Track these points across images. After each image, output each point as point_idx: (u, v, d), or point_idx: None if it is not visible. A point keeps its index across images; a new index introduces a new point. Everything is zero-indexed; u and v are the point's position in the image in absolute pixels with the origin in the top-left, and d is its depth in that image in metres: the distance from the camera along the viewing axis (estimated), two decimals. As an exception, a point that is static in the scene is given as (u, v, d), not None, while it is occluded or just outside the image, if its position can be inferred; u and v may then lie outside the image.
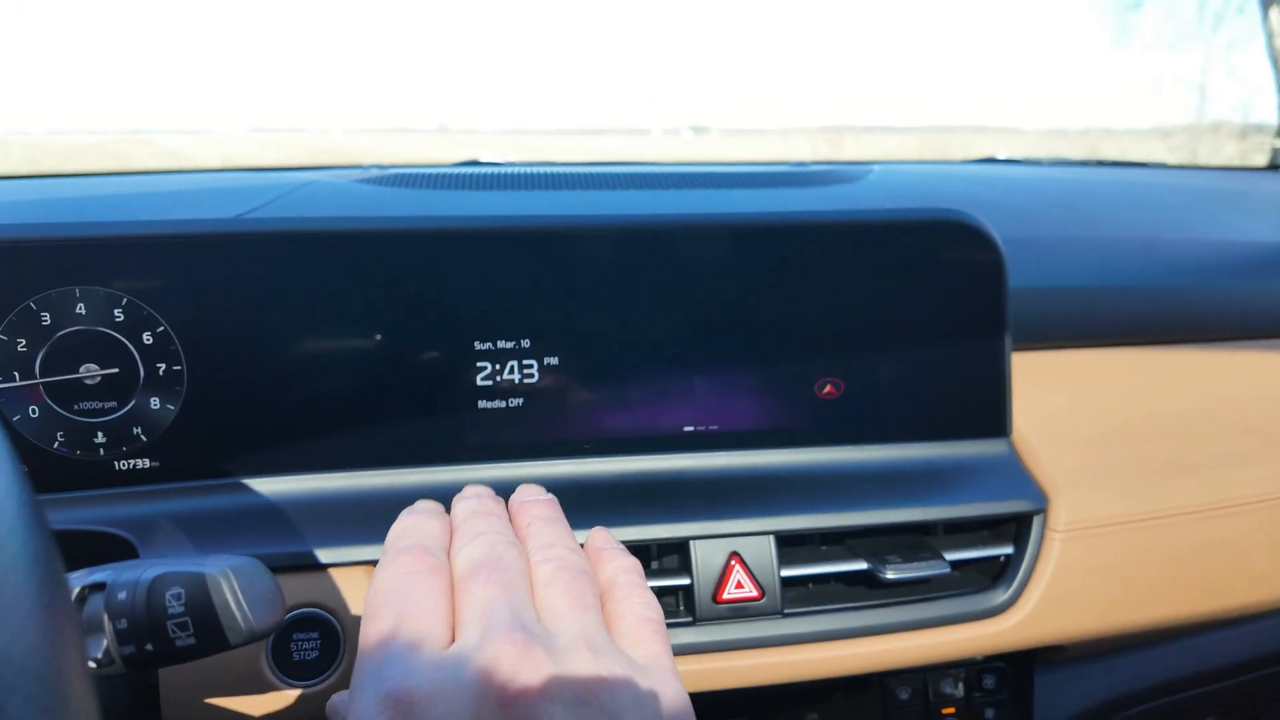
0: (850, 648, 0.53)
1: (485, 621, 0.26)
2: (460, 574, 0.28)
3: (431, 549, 0.29)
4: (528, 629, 0.26)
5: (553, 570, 0.29)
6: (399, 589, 0.27)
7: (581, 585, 0.29)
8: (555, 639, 0.26)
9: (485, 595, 0.27)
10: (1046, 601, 0.55)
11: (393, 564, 0.28)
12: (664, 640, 0.30)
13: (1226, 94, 1.51)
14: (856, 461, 0.56)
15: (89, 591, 0.31)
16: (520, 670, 0.24)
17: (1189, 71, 1.57)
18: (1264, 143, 1.30)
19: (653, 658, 0.28)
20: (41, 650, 0.19)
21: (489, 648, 0.25)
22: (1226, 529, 0.59)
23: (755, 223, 0.54)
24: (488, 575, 0.27)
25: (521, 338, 0.52)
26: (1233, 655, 0.67)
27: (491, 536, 0.29)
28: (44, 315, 0.47)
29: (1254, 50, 1.29)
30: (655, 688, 0.27)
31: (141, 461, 0.50)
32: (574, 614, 0.27)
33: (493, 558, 0.28)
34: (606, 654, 0.26)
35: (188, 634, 0.30)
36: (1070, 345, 0.64)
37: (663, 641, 0.29)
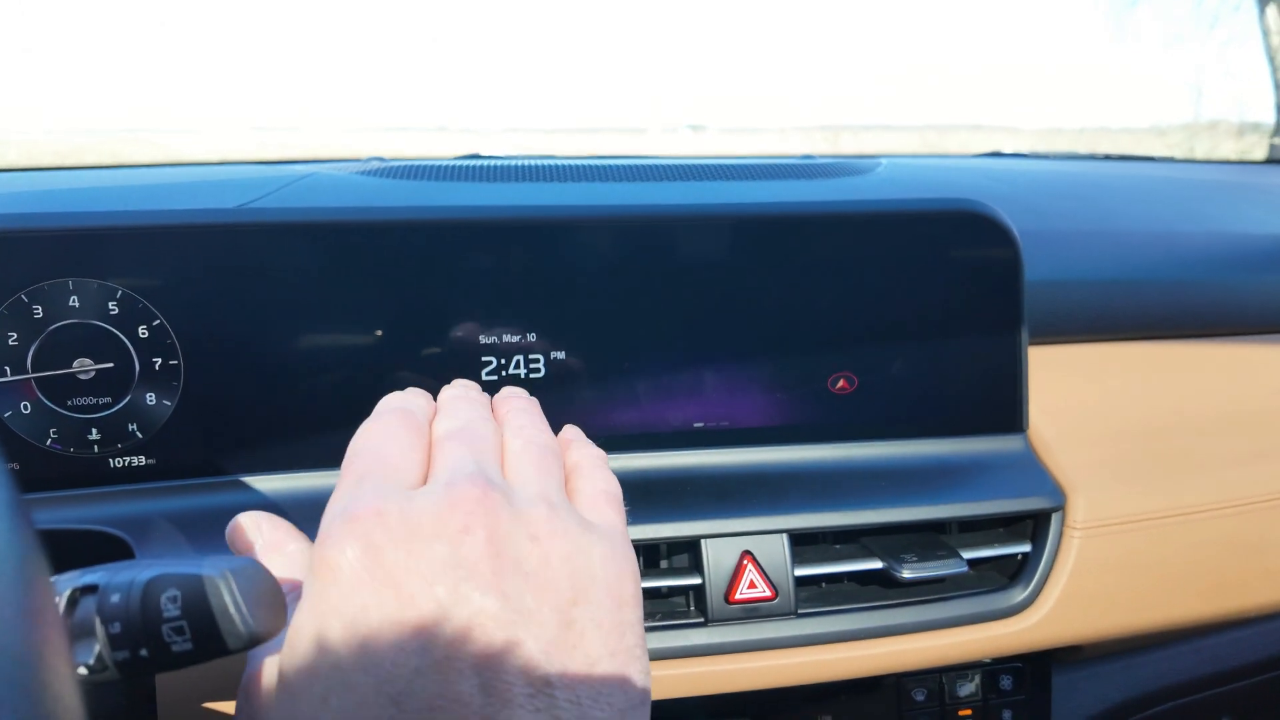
0: (865, 648, 0.52)
1: (451, 471, 0.27)
2: (436, 438, 0.30)
3: (415, 414, 0.31)
4: (490, 479, 0.27)
5: (521, 444, 0.31)
6: (378, 439, 0.30)
7: (546, 458, 0.31)
8: (515, 491, 0.28)
9: (456, 453, 0.29)
10: (1065, 600, 0.54)
11: (376, 420, 0.31)
12: (619, 511, 0.32)
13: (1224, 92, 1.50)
14: (871, 458, 0.55)
15: (81, 594, 0.29)
16: (478, 509, 0.26)
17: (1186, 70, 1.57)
18: (1261, 140, 1.29)
19: (606, 522, 0.30)
20: (24, 659, 0.18)
21: (453, 489, 0.26)
22: (1247, 526, 0.58)
23: (767, 214, 0.53)
24: (460, 438, 0.30)
25: (527, 331, 0.51)
26: (1249, 655, 0.66)
27: (470, 413, 0.32)
28: (36, 308, 0.46)
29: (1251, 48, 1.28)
30: (605, 544, 0.28)
31: (137, 459, 0.48)
32: (536, 477, 0.29)
33: (468, 427, 0.31)
34: (560, 509, 0.28)
35: (184, 639, 0.28)
36: (1086, 339, 0.63)
37: (617, 511, 0.31)
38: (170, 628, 0.28)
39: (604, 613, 0.27)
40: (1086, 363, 0.63)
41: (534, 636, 0.25)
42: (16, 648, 0.18)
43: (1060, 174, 0.92)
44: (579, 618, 0.26)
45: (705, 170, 0.76)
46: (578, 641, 0.26)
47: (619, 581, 0.28)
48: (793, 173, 0.77)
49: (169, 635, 0.28)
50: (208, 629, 0.28)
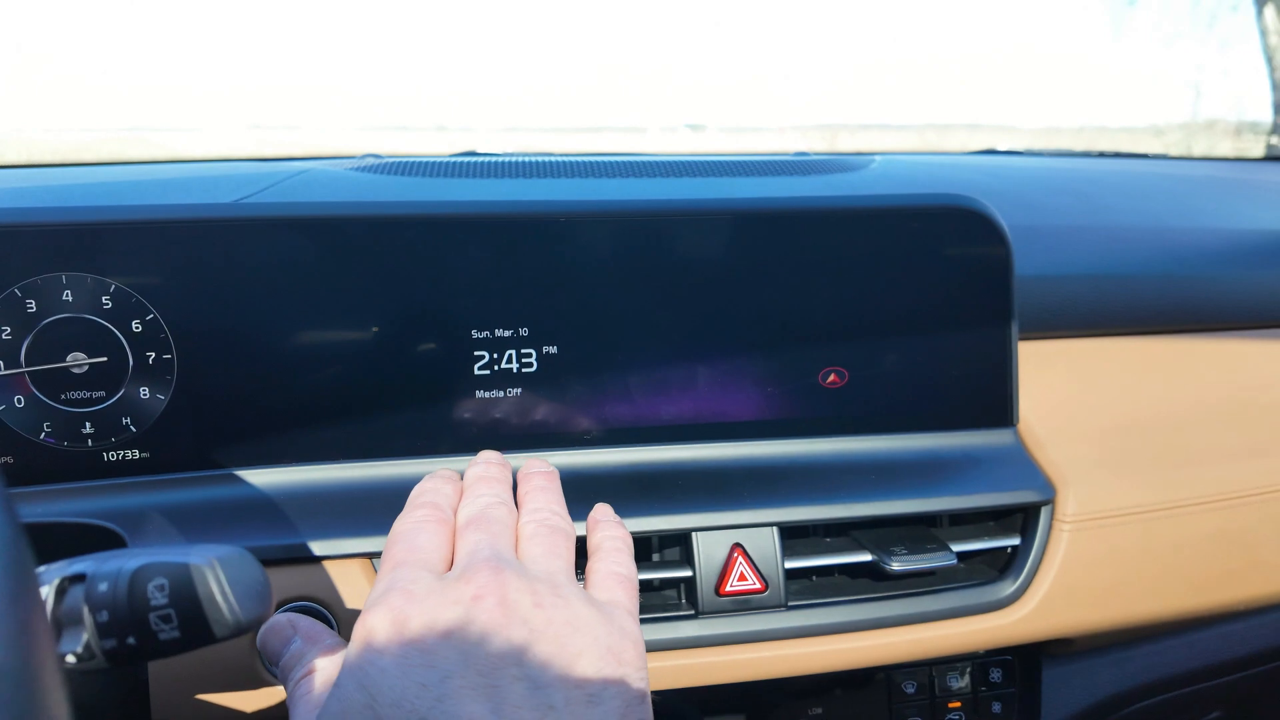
0: (855, 641, 0.52)
1: (471, 556, 0.32)
2: (460, 526, 0.35)
3: (441, 506, 0.37)
4: (502, 559, 0.32)
5: (534, 528, 0.35)
6: (410, 533, 0.34)
7: (556, 540, 0.35)
8: (525, 569, 0.32)
9: (474, 539, 0.34)
10: (1054, 593, 0.54)
11: (409, 514, 0.36)
12: (629, 592, 0.35)
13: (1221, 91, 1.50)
14: (861, 452, 0.55)
15: (69, 583, 0.30)
16: (491, 581, 0.31)
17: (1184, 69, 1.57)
18: (1258, 139, 1.29)
19: (611, 600, 0.34)
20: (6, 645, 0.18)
21: (470, 569, 0.31)
22: (1236, 520, 0.58)
23: (759, 209, 0.53)
24: (478, 526, 0.34)
25: (520, 326, 0.51)
26: (1239, 649, 0.66)
27: (488, 498, 0.37)
28: (29, 302, 0.46)
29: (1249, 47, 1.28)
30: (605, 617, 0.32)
31: (131, 452, 0.49)
32: (546, 559, 0.33)
33: (485, 514, 0.35)
34: (565, 586, 0.32)
35: (171, 627, 0.29)
36: (1078, 334, 0.63)
37: (627, 592, 0.35)
38: (158, 616, 0.28)
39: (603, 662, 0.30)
40: (1077, 357, 0.63)
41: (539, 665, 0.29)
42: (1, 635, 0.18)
43: (1054, 170, 0.92)
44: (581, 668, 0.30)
45: (698, 166, 0.77)
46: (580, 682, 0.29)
47: (619, 645, 0.31)
48: (786, 169, 0.77)
49: (156, 623, 0.29)
50: (195, 617, 0.29)
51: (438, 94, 1.27)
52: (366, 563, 0.47)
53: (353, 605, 0.47)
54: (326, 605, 0.46)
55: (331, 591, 0.46)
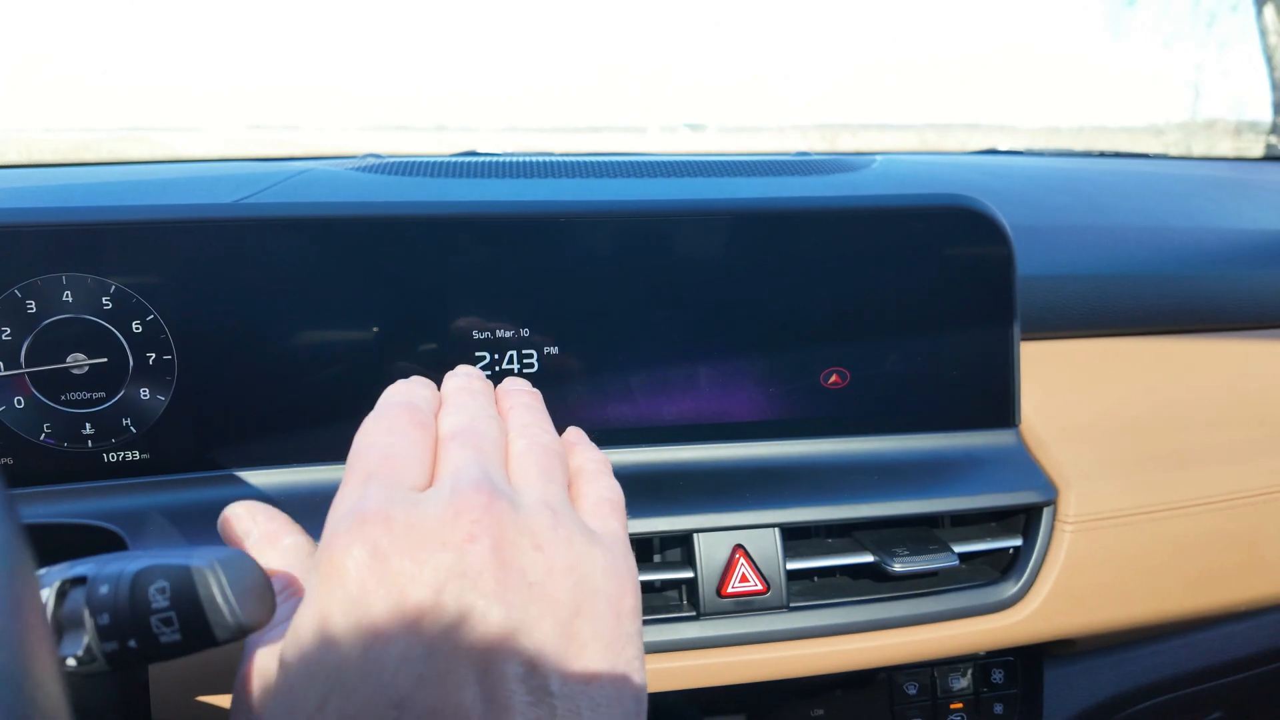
0: (857, 642, 0.52)
1: (457, 476, 0.28)
2: (442, 436, 0.30)
3: (420, 408, 0.31)
4: (495, 485, 0.28)
5: (525, 445, 0.31)
6: (385, 437, 0.29)
7: (551, 461, 0.31)
8: (520, 497, 0.28)
9: (461, 455, 0.29)
10: (1056, 594, 0.54)
11: (382, 415, 0.31)
12: (621, 519, 0.32)
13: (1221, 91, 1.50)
14: (863, 452, 0.55)
15: (70, 586, 0.29)
16: (484, 516, 0.26)
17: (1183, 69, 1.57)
18: (1258, 139, 1.29)
19: (608, 531, 0.30)
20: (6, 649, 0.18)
21: (459, 495, 0.27)
22: (1238, 521, 0.58)
23: (760, 209, 0.53)
24: (465, 439, 0.30)
25: (520, 327, 0.51)
26: (1240, 650, 0.66)
27: (474, 409, 0.32)
28: (29, 303, 0.46)
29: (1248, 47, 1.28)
30: (607, 555, 0.29)
31: (131, 453, 0.48)
32: (540, 482, 0.29)
33: (473, 426, 0.31)
34: (565, 517, 0.28)
35: (173, 629, 0.28)
36: (1079, 335, 0.63)
37: (620, 519, 0.32)
38: (158, 619, 0.28)
39: (605, 626, 0.27)
40: (1079, 358, 0.63)
41: (536, 646, 0.25)
42: None
43: (1055, 170, 0.92)
44: (581, 630, 0.26)
45: (700, 166, 0.77)
46: (579, 653, 0.26)
47: (620, 594, 0.28)
48: (787, 169, 0.77)
49: (157, 626, 0.28)
50: (196, 620, 0.29)
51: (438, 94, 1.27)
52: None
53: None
54: (327, 607, 0.46)
55: (332, 593, 0.46)
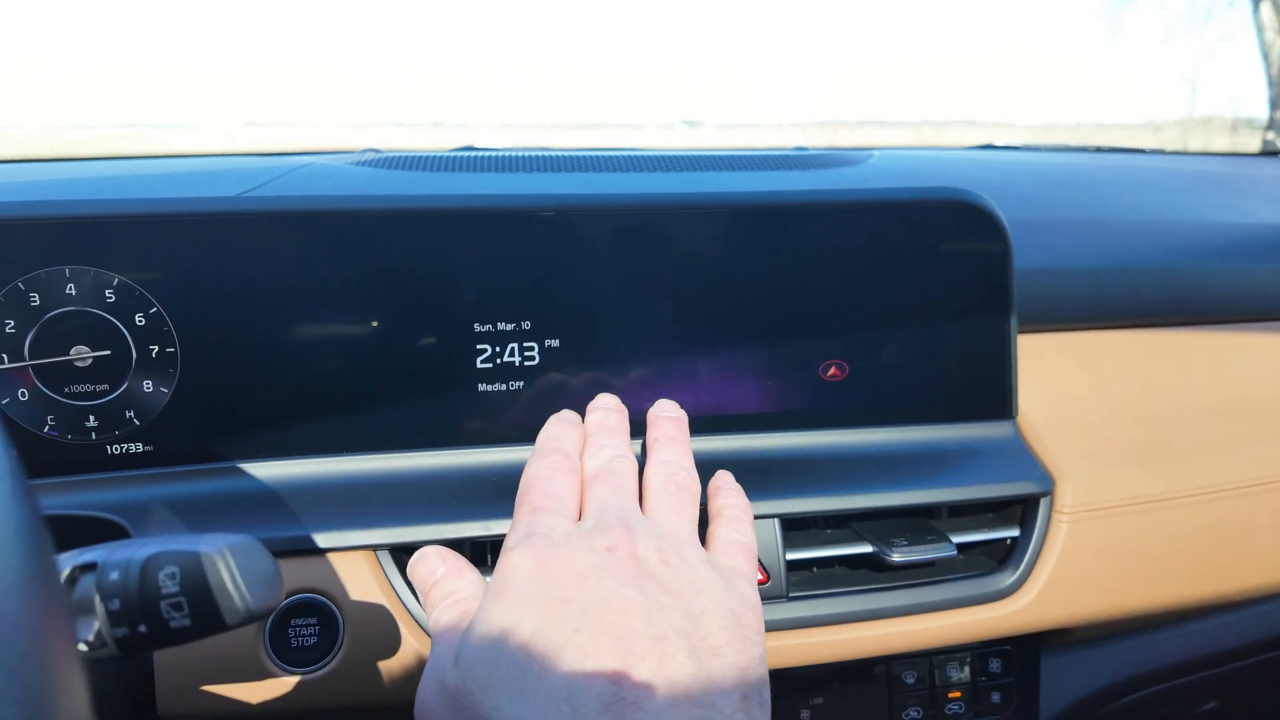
0: (856, 631, 0.52)
1: (601, 511, 0.35)
2: (587, 477, 0.38)
3: (569, 453, 0.39)
4: (631, 518, 0.34)
5: (661, 483, 0.37)
6: (544, 478, 0.37)
7: (683, 498, 0.37)
8: (652, 528, 0.34)
9: (603, 494, 0.36)
10: (1053, 584, 0.55)
11: (542, 460, 0.38)
12: (750, 559, 0.37)
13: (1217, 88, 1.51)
14: (861, 444, 0.56)
15: (80, 572, 0.30)
16: (622, 537, 0.33)
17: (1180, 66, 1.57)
18: (1254, 136, 1.29)
19: (732, 567, 0.35)
20: (28, 628, 0.18)
21: (602, 524, 0.34)
22: (1234, 511, 0.59)
23: (759, 203, 0.53)
24: (605, 480, 0.37)
25: (522, 320, 0.52)
26: (1235, 639, 0.67)
27: (611, 450, 0.39)
28: (33, 296, 0.46)
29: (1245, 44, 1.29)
30: (725, 580, 0.34)
31: (135, 445, 0.49)
32: (671, 518, 0.35)
33: (611, 468, 0.37)
34: (688, 547, 0.34)
35: (183, 615, 0.29)
36: (1076, 327, 0.64)
37: (748, 559, 0.37)
38: (169, 604, 0.29)
39: (725, 620, 0.32)
40: (1076, 350, 0.63)
41: (668, 624, 0.30)
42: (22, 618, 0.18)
43: (1052, 165, 0.92)
44: (705, 622, 0.31)
45: (698, 161, 0.77)
46: (704, 635, 0.31)
47: (740, 609, 0.33)
48: (785, 164, 0.77)
49: (167, 611, 0.29)
50: (206, 605, 0.29)
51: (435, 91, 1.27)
52: (371, 555, 0.48)
53: (358, 597, 0.47)
54: (332, 597, 0.46)
55: (336, 584, 0.47)
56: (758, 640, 0.33)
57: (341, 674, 0.46)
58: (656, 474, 0.38)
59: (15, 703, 0.16)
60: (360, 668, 0.47)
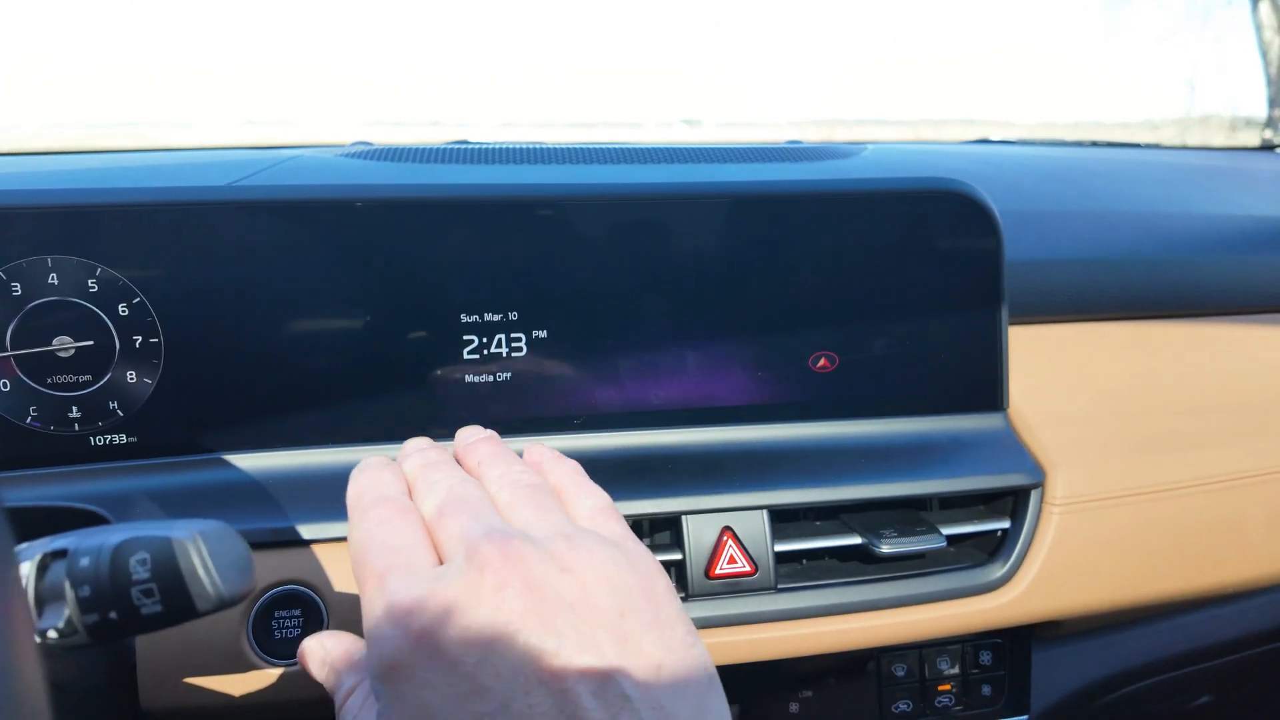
0: (845, 623, 0.52)
1: (465, 539, 0.28)
2: (430, 518, 0.30)
3: (393, 496, 0.31)
4: (503, 532, 0.28)
5: (510, 493, 0.32)
6: (377, 536, 0.29)
7: (541, 497, 0.32)
8: (531, 534, 0.29)
9: (459, 523, 0.29)
10: (1044, 576, 0.54)
11: (364, 519, 0.30)
12: (619, 519, 0.32)
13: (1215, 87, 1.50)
14: (851, 435, 0.55)
15: (50, 559, 0.29)
16: (505, 563, 0.27)
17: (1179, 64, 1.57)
18: (1253, 134, 1.29)
19: (614, 534, 0.31)
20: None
21: (475, 555, 0.27)
22: (1225, 504, 0.58)
23: (748, 192, 0.53)
24: (454, 509, 0.30)
25: (509, 310, 0.51)
26: (1227, 633, 0.67)
27: (448, 481, 0.32)
28: (14, 286, 0.46)
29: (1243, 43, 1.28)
30: (624, 555, 0.29)
31: (118, 437, 0.48)
32: (541, 518, 0.30)
33: (455, 496, 0.31)
34: (576, 535, 0.29)
35: (154, 601, 0.28)
36: (1067, 319, 0.63)
37: (618, 520, 0.32)
38: (139, 590, 0.28)
39: (648, 615, 0.28)
40: (1068, 342, 0.63)
41: (597, 661, 0.26)
42: None
43: (1046, 158, 0.92)
44: (630, 629, 0.27)
45: (689, 153, 0.77)
46: (637, 651, 0.27)
47: (650, 582, 0.29)
48: (778, 156, 0.77)
49: (138, 598, 0.28)
50: (177, 591, 0.29)
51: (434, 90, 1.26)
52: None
53: (341, 589, 0.46)
54: (315, 589, 0.46)
55: (320, 575, 0.46)
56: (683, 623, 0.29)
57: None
58: (499, 490, 0.32)
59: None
60: (344, 660, 0.46)
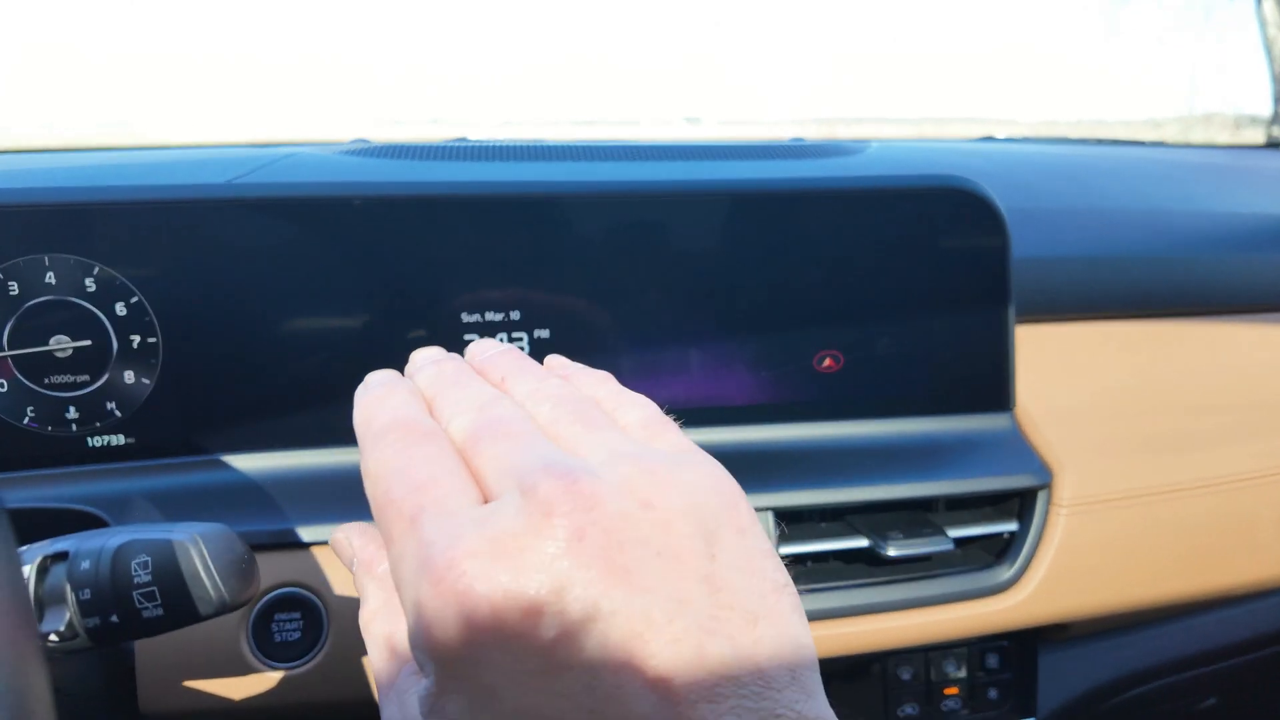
0: (851, 626, 0.51)
1: (516, 472, 0.22)
2: (463, 443, 0.24)
3: (414, 417, 0.25)
4: (563, 463, 0.22)
5: (551, 408, 0.26)
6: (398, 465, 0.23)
7: (586, 409, 0.26)
8: (590, 462, 0.23)
9: (502, 450, 0.23)
10: (1051, 578, 0.54)
11: (377, 446, 0.24)
12: (674, 428, 0.27)
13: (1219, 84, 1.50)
14: (857, 436, 0.55)
15: (51, 562, 0.29)
16: (574, 502, 0.21)
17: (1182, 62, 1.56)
18: (1257, 132, 1.29)
19: (678, 445, 0.25)
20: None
21: (533, 492, 0.21)
22: (1232, 504, 0.58)
23: (753, 190, 0.52)
24: (492, 431, 0.24)
25: (510, 310, 0.51)
26: (1234, 635, 0.66)
27: (477, 397, 0.26)
28: (11, 285, 0.45)
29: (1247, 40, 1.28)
30: (699, 470, 0.24)
31: (116, 438, 0.48)
32: (594, 435, 0.24)
33: (490, 417, 0.24)
34: (645, 456, 0.23)
35: (155, 604, 0.28)
36: (1074, 318, 0.63)
37: (677, 431, 0.27)
38: (141, 593, 0.28)
39: (739, 554, 0.22)
40: (1075, 341, 0.62)
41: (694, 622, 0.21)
42: None
43: (1052, 156, 0.91)
44: (722, 575, 0.21)
45: (693, 150, 0.76)
46: (731, 603, 0.21)
47: (734, 510, 0.23)
48: (782, 153, 0.76)
49: (140, 601, 0.28)
50: (179, 594, 0.28)
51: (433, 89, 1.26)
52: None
53: (341, 591, 0.46)
54: (315, 591, 0.46)
55: (320, 578, 0.46)
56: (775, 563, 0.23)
57: (325, 670, 0.45)
58: (536, 405, 0.26)
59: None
60: (344, 664, 0.46)
